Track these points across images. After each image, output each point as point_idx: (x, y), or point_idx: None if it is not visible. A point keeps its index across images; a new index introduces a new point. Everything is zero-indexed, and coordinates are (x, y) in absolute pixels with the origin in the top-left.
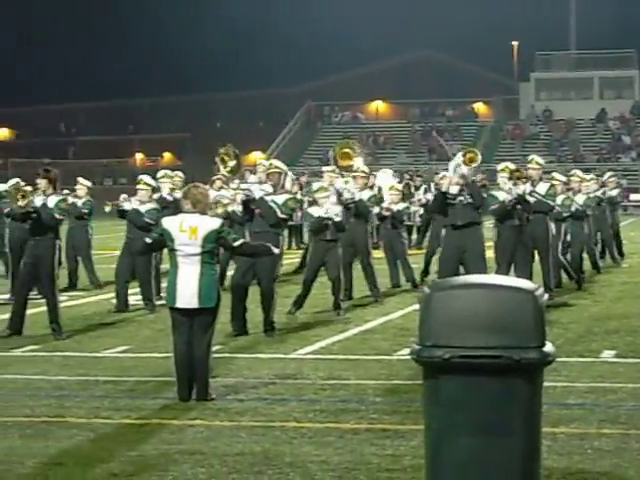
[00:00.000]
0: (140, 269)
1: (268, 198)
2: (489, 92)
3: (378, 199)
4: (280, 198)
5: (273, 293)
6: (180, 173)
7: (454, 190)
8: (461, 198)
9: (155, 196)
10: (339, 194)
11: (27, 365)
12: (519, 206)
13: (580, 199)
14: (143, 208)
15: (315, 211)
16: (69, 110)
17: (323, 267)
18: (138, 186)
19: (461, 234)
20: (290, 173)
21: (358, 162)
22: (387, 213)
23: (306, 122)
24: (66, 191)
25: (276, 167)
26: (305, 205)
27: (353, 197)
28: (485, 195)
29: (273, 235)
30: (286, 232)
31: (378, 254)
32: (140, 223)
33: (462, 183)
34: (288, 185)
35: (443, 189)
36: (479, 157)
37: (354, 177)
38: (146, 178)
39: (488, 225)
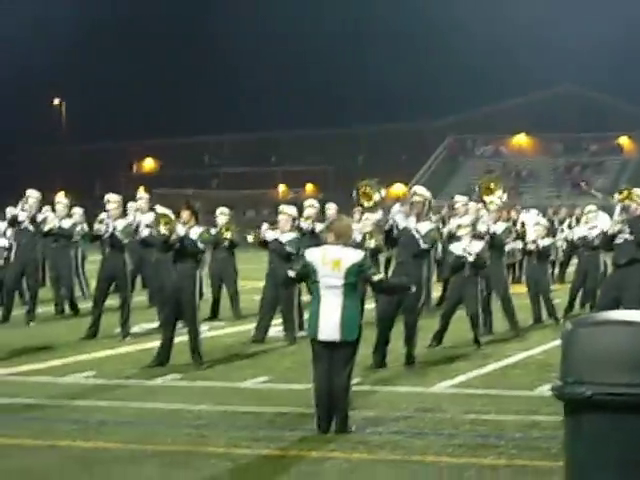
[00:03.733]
0: (284, 300)
1: (411, 227)
2: (634, 126)
3: (520, 233)
4: (423, 228)
5: (416, 326)
6: (316, 203)
7: (617, 228)
8: (625, 236)
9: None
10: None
11: (168, 394)
12: None
13: None
14: (284, 238)
15: (455, 247)
16: (213, 142)
17: (462, 302)
18: (279, 216)
19: (622, 272)
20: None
21: (497, 195)
22: (533, 247)
23: (448, 155)
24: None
25: (420, 195)
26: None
27: (488, 229)
28: None
29: (416, 266)
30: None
31: (520, 289)
32: (282, 253)
33: (622, 221)
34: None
35: (610, 232)
36: (636, 194)
37: (488, 209)
38: (287, 208)
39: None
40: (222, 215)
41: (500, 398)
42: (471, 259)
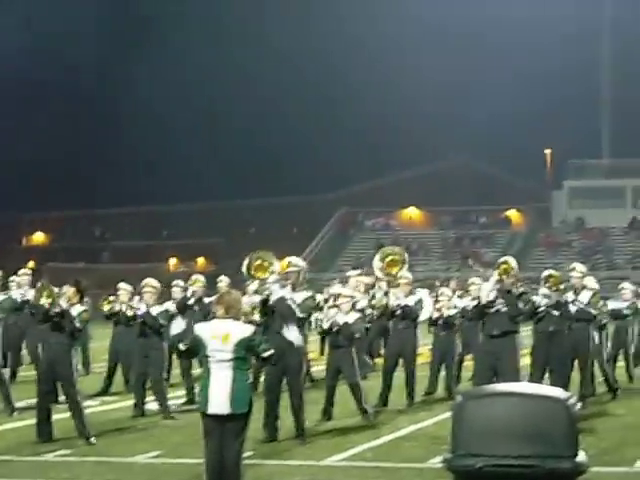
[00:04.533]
0: (152, 375)
1: (287, 297)
2: (522, 200)
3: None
4: (298, 297)
5: (301, 397)
6: (201, 277)
7: (491, 297)
8: (498, 307)
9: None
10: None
11: (59, 470)
12: (555, 312)
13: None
14: (154, 310)
15: (322, 316)
16: (103, 215)
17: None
18: (145, 289)
19: (495, 343)
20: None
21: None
22: (437, 315)
23: (339, 228)
24: (112, 297)
25: (294, 265)
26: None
27: (399, 303)
28: (522, 305)
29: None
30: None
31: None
32: (155, 325)
33: (498, 293)
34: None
35: (482, 301)
36: (513, 267)
37: (398, 284)
38: (151, 281)
39: (527, 332)
40: (123, 291)
41: (392, 470)
42: (330, 327)
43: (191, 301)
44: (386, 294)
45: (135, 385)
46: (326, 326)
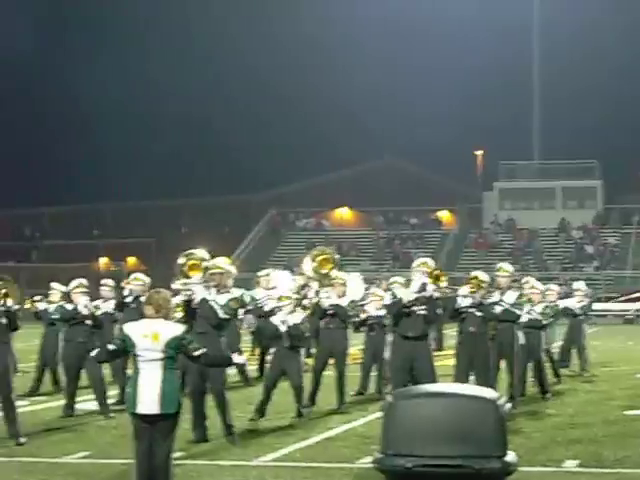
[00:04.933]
0: (90, 374)
1: (210, 298)
2: (453, 201)
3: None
4: (222, 298)
5: (224, 396)
6: (146, 277)
7: (412, 298)
8: (415, 309)
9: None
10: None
11: None
12: (479, 313)
13: (538, 308)
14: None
15: (274, 318)
16: (33, 214)
17: (285, 375)
18: (77, 289)
19: (411, 345)
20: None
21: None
22: (364, 316)
23: (271, 228)
24: (38, 297)
25: (218, 267)
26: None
27: (331, 303)
28: (440, 311)
29: (215, 337)
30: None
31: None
32: (95, 322)
33: (421, 295)
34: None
35: (404, 300)
36: (444, 278)
37: (332, 285)
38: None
39: (452, 333)
40: (55, 290)
41: (322, 470)
42: (283, 329)
43: (129, 299)
44: (317, 293)
45: (67, 385)
46: (284, 329)
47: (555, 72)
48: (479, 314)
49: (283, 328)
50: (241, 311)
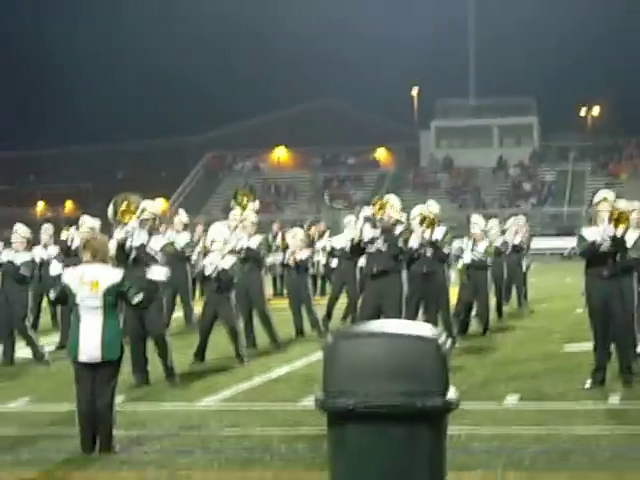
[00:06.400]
0: (17, 323)
1: (146, 243)
2: (390, 140)
3: (282, 246)
4: (157, 243)
5: (165, 339)
6: (89, 218)
7: (366, 237)
8: (378, 246)
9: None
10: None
11: None
12: (429, 253)
13: (482, 246)
14: (19, 259)
15: (205, 261)
16: None
17: (218, 318)
18: (13, 236)
19: (378, 282)
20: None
21: (248, 211)
22: (291, 260)
23: (208, 172)
24: None
25: (150, 212)
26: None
27: (242, 245)
28: (402, 244)
29: (152, 281)
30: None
31: (282, 302)
32: (16, 276)
33: (377, 231)
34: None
35: (356, 239)
36: (389, 204)
37: (243, 225)
38: (21, 228)
39: None
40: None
41: (265, 411)
42: (209, 271)
43: (75, 244)
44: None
45: (1, 332)
46: (209, 272)
47: (490, 9)
48: (429, 254)
49: (209, 270)
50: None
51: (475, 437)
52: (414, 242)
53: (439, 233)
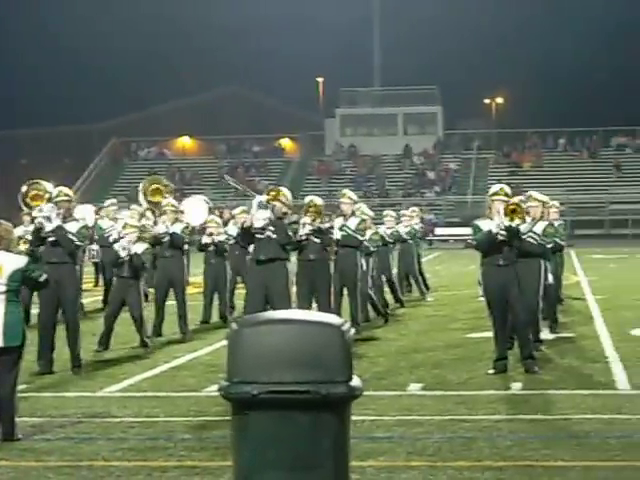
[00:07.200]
0: None
1: (63, 226)
2: (295, 128)
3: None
4: (73, 226)
5: (78, 327)
6: None
7: (258, 224)
8: (268, 233)
9: None
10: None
11: None
12: (317, 240)
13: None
14: None
15: (117, 245)
16: None
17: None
18: None
19: (264, 269)
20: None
21: (169, 198)
22: (209, 240)
23: (112, 158)
24: None
25: (65, 195)
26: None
27: (167, 231)
28: (291, 233)
29: (71, 265)
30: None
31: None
32: None
33: (267, 219)
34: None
35: (246, 224)
36: (283, 194)
37: (165, 212)
38: None
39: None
40: None
41: (169, 400)
42: (123, 254)
43: None
44: (155, 223)
45: None
46: (123, 255)
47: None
48: (317, 241)
49: (124, 254)
50: (86, 242)
51: (379, 425)
52: (303, 231)
53: (352, 223)
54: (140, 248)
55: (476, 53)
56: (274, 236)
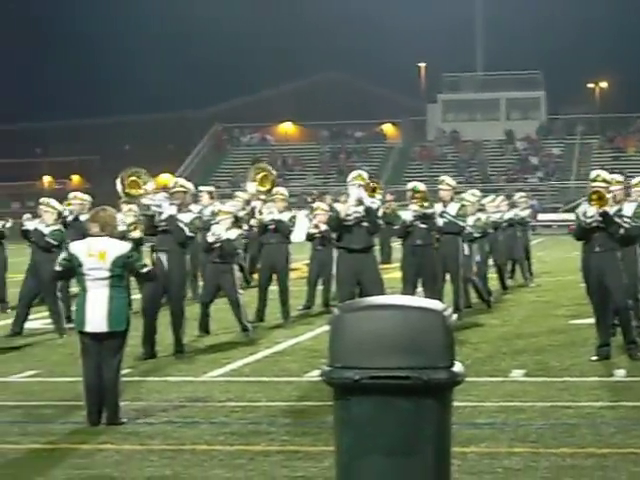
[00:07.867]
0: (46, 293)
1: (176, 216)
2: (397, 114)
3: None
4: (186, 217)
5: (183, 314)
6: (86, 196)
7: (350, 212)
8: (358, 222)
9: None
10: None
11: None
12: (423, 225)
13: (470, 220)
14: (47, 229)
15: (209, 232)
16: None
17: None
18: (42, 207)
19: (355, 258)
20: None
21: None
22: (315, 230)
23: (215, 144)
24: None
25: (181, 186)
26: None
27: (274, 218)
28: (381, 222)
29: (180, 254)
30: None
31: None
32: (42, 244)
33: (360, 208)
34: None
35: (342, 214)
36: (380, 189)
37: (274, 200)
38: (51, 201)
39: (397, 246)
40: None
41: (271, 385)
42: (211, 240)
43: (69, 218)
44: (260, 211)
45: (20, 303)
46: (211, 240)
47: None
48: (423, 226)
49: (212, 239)
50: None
51: (481, 411)
52: (408, 217)
53: (453, 209)
54: (233, 234)
55: (580, 38)
56: (367, 224)
